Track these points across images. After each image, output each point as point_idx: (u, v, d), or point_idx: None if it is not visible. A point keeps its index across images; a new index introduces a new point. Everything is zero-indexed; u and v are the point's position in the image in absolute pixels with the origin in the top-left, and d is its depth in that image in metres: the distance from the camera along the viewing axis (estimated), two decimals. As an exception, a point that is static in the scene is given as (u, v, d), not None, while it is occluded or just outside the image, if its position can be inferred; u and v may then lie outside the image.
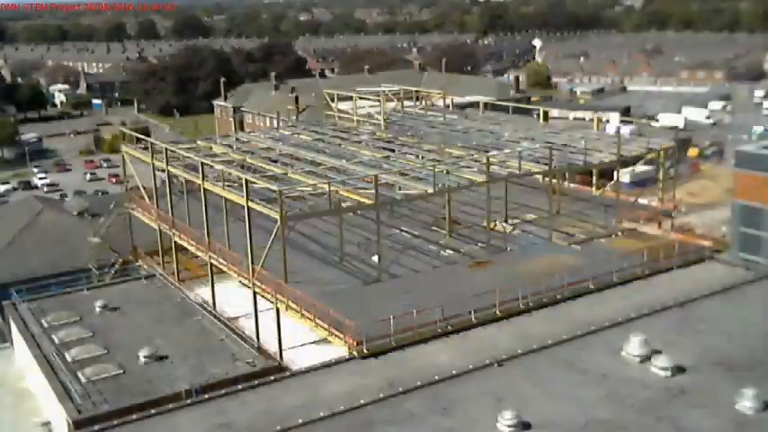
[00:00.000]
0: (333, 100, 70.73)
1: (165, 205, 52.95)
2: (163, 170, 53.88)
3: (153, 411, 31.69)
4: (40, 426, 38.16)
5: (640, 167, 74.03)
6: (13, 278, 53.77)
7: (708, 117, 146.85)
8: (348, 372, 34.24)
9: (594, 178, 59.23)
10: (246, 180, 41.71)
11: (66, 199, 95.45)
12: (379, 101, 67.15)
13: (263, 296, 41.49)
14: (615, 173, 54.06)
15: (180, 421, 31.16)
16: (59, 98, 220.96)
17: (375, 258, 43.17)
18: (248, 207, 41.38)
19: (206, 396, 32.84)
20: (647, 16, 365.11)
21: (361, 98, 68.81)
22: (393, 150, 55.52)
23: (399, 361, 34.70)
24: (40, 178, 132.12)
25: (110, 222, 60.85)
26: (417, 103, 72.63)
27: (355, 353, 35.09)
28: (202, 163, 47.50)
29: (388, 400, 31.09)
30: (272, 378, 34.21)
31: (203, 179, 47.01)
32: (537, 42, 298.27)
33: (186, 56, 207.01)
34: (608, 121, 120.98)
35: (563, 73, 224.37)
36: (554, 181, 52.29)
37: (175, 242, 51.94)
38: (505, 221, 51.17)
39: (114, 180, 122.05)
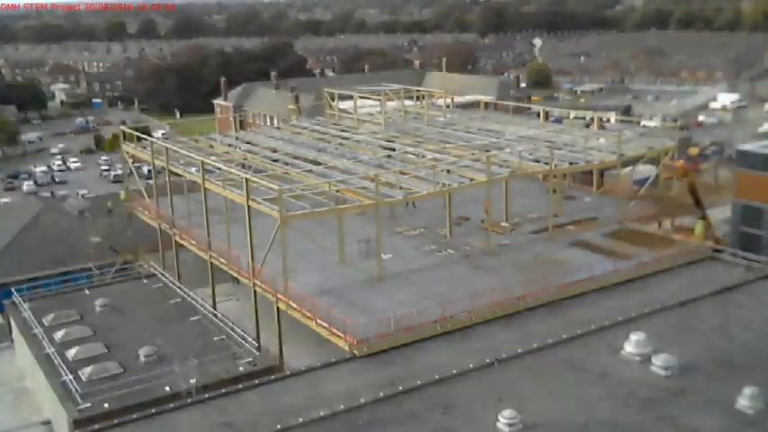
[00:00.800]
0: (333, 99, 70.70)
1: (166, 204, 52.98)
2: (163, 169, 53.91)
3: (153, 411, 31.75)
4: (41, 425, 38.22)
5: (641, 167, 73.72)
6: (14, 278, 53.85)
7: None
8: (348, 371, 34.26)
9: (594, 178, 59.21)
10: (247, 179, 41.69)
11: (68, 198, 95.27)
12: (379, 100, 67.10)
13: (263, 295, 41.52)
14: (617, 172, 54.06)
15: (180, 420, 31.19)
16: (59, 97, 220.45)
17: (375, 258, 43.14)
18: (249, 206, 41.37)
19: (206, 395, 32.89)
20: (647, 16, 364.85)
21: (361, 97, 68.74)
22: (394, 150, 55.48)
23: (399, 360, 34.72)
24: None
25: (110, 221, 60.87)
26: (418, 103, 72.55)
27: (355, 352, 35.15)
28: (203, 162, 47.48)
29: (388, 400, 31.12)
30: (272, 378, 34.25)
31: (204, 178, 46.99)
32: (537, 42, 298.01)
33: (187, 55, 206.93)
34: (608, 120, 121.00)
35: (563, 73, 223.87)
36: (554, 180, 52.25)
37: (175, 240, 51.98)
38: (506, 221, 51.14)
39: None
